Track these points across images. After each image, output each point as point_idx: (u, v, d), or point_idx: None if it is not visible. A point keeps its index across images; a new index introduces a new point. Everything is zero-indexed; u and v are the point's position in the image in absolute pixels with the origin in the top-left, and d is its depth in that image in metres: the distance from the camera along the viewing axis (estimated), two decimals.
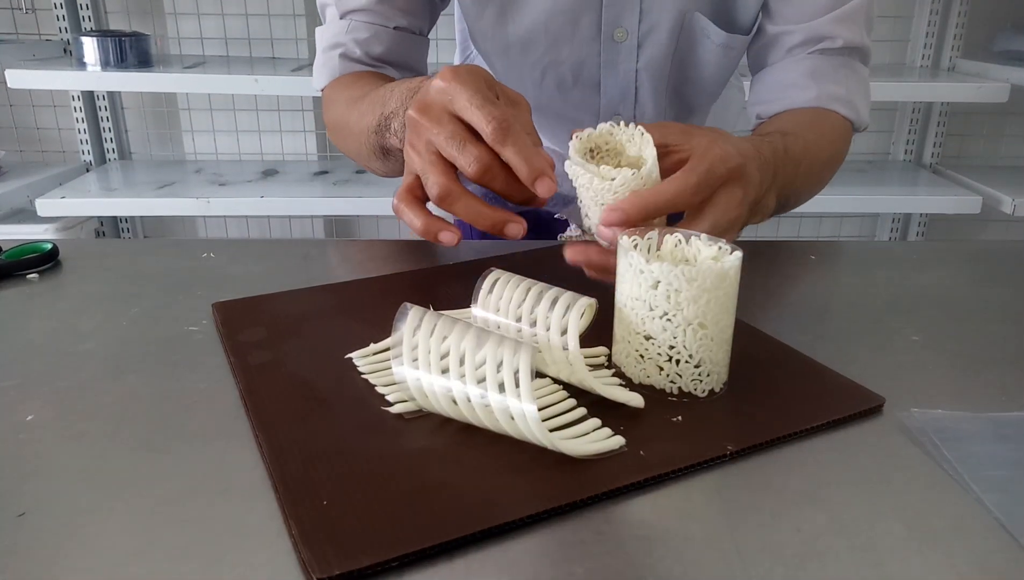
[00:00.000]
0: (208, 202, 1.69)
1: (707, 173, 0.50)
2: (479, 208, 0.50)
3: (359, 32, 0.74)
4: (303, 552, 0.32)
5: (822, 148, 0.68)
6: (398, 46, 0.75)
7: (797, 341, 0.52)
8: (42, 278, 0.63)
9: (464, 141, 0.48)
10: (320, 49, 0.76)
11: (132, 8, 1.93)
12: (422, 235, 0.52)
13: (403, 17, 0.74)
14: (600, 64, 0.75)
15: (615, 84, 0.77)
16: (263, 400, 0.43)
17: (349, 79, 0.74)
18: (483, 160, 0.48)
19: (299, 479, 0.36)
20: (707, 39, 0.74)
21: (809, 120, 0.70)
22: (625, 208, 0.48)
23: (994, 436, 0.42)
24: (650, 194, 0.49)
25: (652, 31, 0.73)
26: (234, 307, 0.55)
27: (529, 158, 0.48)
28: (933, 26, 1.98)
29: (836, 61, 0.72)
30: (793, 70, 0.72)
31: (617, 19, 0.72)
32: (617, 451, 0.39)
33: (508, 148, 0.48)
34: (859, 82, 0.74)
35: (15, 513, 0.35)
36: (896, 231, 2.17)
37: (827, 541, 0.34)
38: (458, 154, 0.49)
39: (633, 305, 0.44)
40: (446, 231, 0.51)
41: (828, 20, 0.71)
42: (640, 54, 0.74)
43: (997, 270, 0.69)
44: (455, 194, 0.50)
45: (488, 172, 0.48)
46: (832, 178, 0.73)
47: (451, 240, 0.51)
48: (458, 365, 0.39)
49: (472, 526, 0.34)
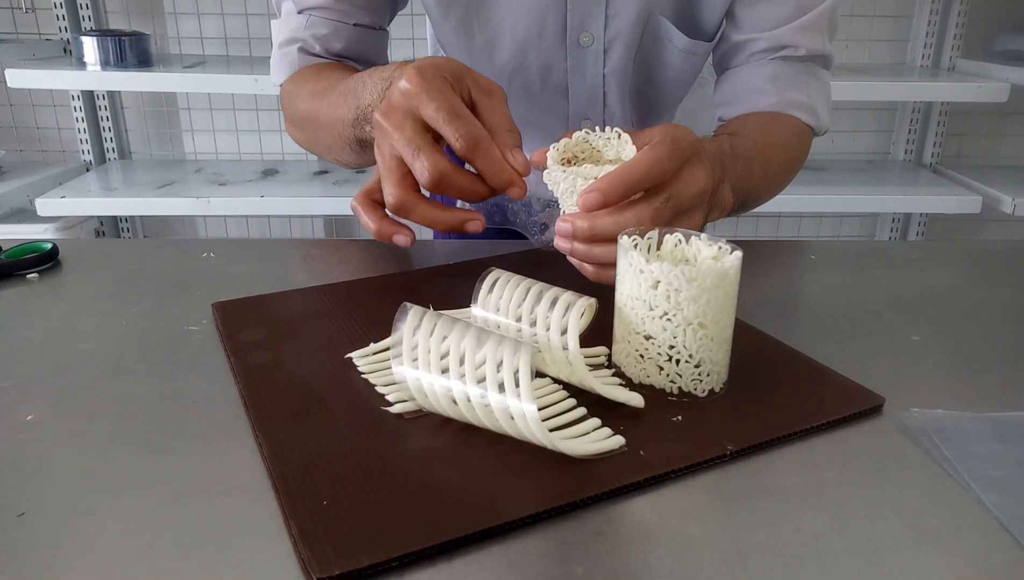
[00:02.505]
0: (208, 202, 1.69)
1: (674, 143, 0.49)
2: (435, 214, 0.50)
3: (318, 28, 0.73)
4: (303, 552, 0.32)
5: (777, 150, 0.69)
6: (358, 42, 0.75)
7: (797, 341, 0.52)
8: (42, 278, 0.62)
9: (419, 149, 0.48)
10: (276, 44, 0.75)
11: (132, 8, 1.93)
12: (376, 237, 0.53)
13: (363, 14, 0.74)
14: (567, 69, 0.76)
15: (583, 89, 0.77)
16: (263, 400, 0.43)
17: (311, 71, 0.73)
18: (436, 170, 0.48)
19: (299, 479, 0.36)
20: (670, 43, 0.75)
21: (765, 123, 0.71)
22: (600, 187, 0.47)
23: (994, 436, 0.42)
24: (624, 168, 0.48)
25: (618, 36, 0.73)
26: (234, 307, 0.55)
27: (497, 172, 0.48)
28: (933, 26, 1.98)
29: (798, 67, 0.74)
30: (756, 75, 0.73)
31: (583, 24, 0.72)
32: (617, 451, 0.39)
33: (478, 162, 0.48)
34: (820, 88, 0.75)
35: (15, 513, 0.35)
36: (896, 231, 2.17)
37: (827, 541, 0.34)
38: (413, 161, 0.49)
39: (633, 305, 0.44)
40: (399, 234, 0.52)
41: (791, 29, 0.72)
42: (607, 59, 0.75)
43: (997, 270, 0.69)
44: (408, 205, 0.50)
45: (441, 182, 0.49)
46: (793, 179, 0.74)
47: (404, 242, 0.52)
48: (458, 365, 0.39)
49: (473, 526, 0.34)
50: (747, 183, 0.63)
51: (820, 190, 1.80)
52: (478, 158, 0.48)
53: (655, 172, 0.48)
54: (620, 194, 0.47)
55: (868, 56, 2.04)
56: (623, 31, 0.73)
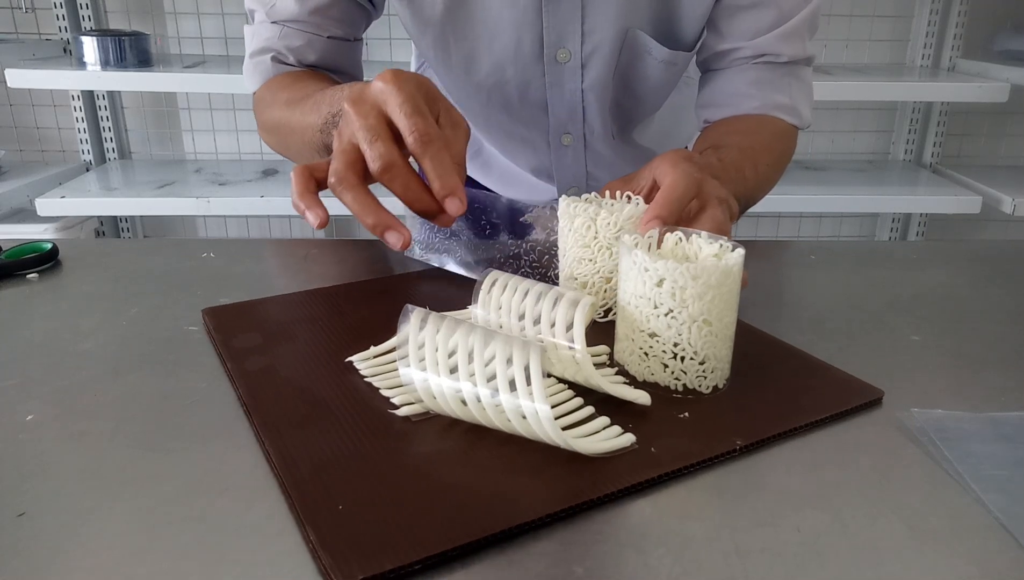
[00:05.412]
0: (208, 202, 1.69)
1: (688, 165, 0.53)
2: (368, 203, 0.49)
3: (292, 39, 0.72)
4: (324, 558, 0.31)
5: (763, 153, 0.70)
6: (332, 54, 0.74)
7: (797, 341, 0.52)
8: (42, 278, 0.62)
9: (376, 136, 0.48)
10: (249, 52, 0.75)
11: (132, 8, 1.93)
12: (294, 204, 0.51)
13: (337, 26, 0.73)
14: (545, 85, 0.75)
15: (562, 104, 0.77)
16: (265, 406, 0.43)
17: (286, 79, 0.72)
18: (387, 158, 0.48)
19: (311, 485, 0.36)
20: (649, 55, 0.75)
21: (749, 128, 0.72)
22: (658, 213, 0.50)
23: (994, 436, 0.42)
24: (667, 192, 0.51)
25: (595, 51, 0.73)
26: (225, 313, 0.55)
27: (443, 174, 0.48)
28: (933, 26, 1.98)
29: (781, 70, 0.74)
30: (739, 79, 0.74)
31: (559, 41, 0.72)
32: (629, 448, 0.39)
33: (426, 160, 0.48)
34: (802, 87, 0.76)
35: (15, 513, 0.35)
36: (896, 231, 2.17)
37: (827, 541, 0.34)
38: (367, 147, 0.48)
39: (637, 303, 0.44)
40: (309, 211, 0.50)
41: (772, 37, 0.72)
42: (585, 74, 0.75)
43: (997, 270, 0.69)
44: (348, 185, 0.49)
45: (389, 171, 0.48)
46: (783, 175, 0.76)
47: (313, 221, 0.50)
48: (467, 365, 0.39)
49: (493, 527, 0.33)
50: (741, 189, 0.64)
51: (820, 190, 1.80)
52: (428, 157, 0.47)
53: (692, 185, 0.52)
54: (675, 214, 0.50)
55: (868, 56, 2.04)
56: (600, 46, 0.72)
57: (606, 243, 0.52)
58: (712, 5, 0.72)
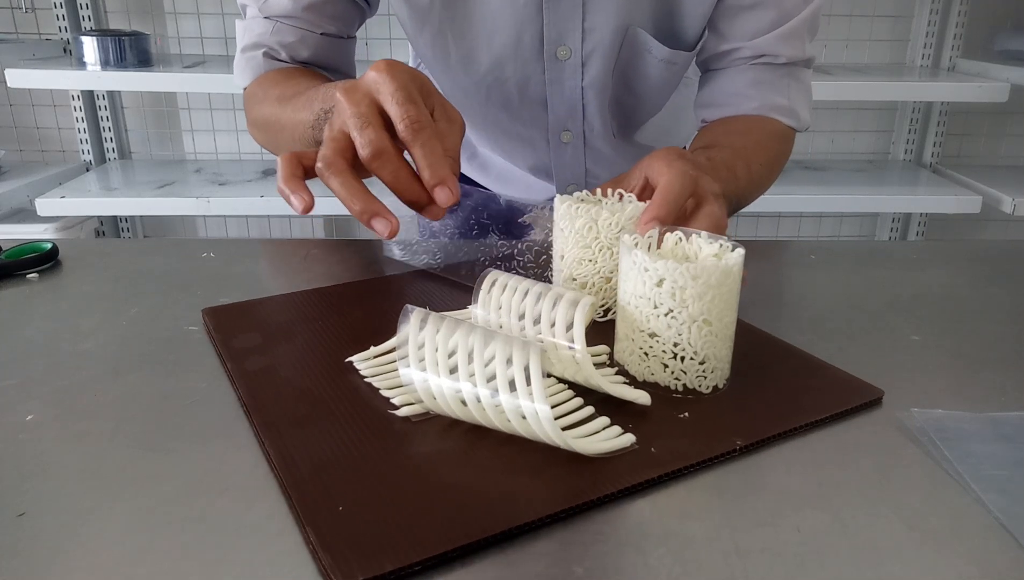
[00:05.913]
0: (208, 202, 1.69)
1: (683, 163, 0.53)
2: (355, 189, 0.48)
3: (284, 36, 0.72)
4: (324, 558, 0.31)
5: (757, 153, 0.70)
6: (325, 50, 0.74)
7: (797, 340, 0.52)
8: (42, 278, 0.62)
9: (368, 123, 0.47)
10: (240, 47, 0.74)
11: (132, 7, 1.93)
12: (279, 189, 0.50)
13: (330, 23, 0.73)
14: (545, 82, 0.75)
15: (562, 101, 0.77)
16: (264, 406, 0.43)
17: (278, 76, 0.72)
18: (376, 145, 0.47)
19: (311, 485, 0.36)
20: (650, 54, 0.75)
21: (744, 129, 0.72)
22: (656, 215, 0.50)
23: (994, 436, 0.42)
24: (664, 192, 0.51)
25: (596, 49, 0.73)
26: (225, 313, 0.55)
27: (434, 164, 0.47)
28: (933, 26, 1.98)
29: (780, 71, 0.74)
30: (738, 79, 0.74)
31: (560, 37, 0.72)
32: (629, 449, 0.39)
33: (416, 148, 0.47)
34: (801, 89, 0.76)
35: (15, 513, 0.35)
36: (896, 231, 2.17)
37: (827, 541, 0.34)
38: (357, 134, 0.48)
39: (637, 303, 0.44)
40: (293, 196, 0.49)
41: (772, 38, 0.72)
42: (585, 72, 0.74)
43: (997, 270, 0.69)
44: (335, 168, 0.48)
45: (379, 158, 0.47)
46: (778, 176, 0.76)
47: (297, 206, 0.49)
48: (467, 365, 0.39)
49: (494, 528, 0.33)
50: (732, 188, 0.64)
51: (820, 190, 1.79)
52: (418, 145, 0.47)
53: (688, 184, 0.52)
54: (673, 215, 0.50)
55: (868, 56, 2.04)
56: (601, 44, 0.72)
57: (607, 243, 0.52)
58: (714, 5, 0.72)
